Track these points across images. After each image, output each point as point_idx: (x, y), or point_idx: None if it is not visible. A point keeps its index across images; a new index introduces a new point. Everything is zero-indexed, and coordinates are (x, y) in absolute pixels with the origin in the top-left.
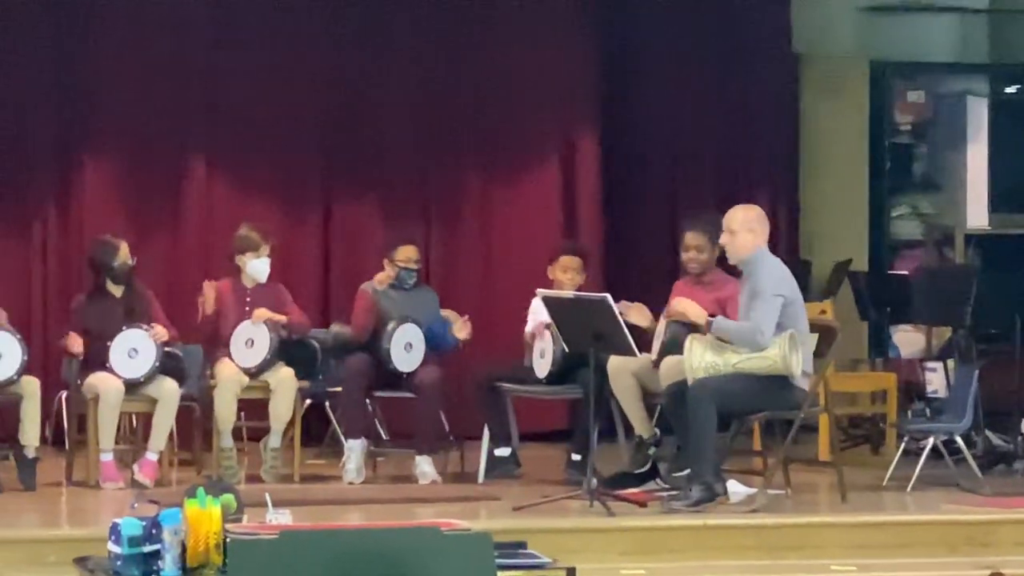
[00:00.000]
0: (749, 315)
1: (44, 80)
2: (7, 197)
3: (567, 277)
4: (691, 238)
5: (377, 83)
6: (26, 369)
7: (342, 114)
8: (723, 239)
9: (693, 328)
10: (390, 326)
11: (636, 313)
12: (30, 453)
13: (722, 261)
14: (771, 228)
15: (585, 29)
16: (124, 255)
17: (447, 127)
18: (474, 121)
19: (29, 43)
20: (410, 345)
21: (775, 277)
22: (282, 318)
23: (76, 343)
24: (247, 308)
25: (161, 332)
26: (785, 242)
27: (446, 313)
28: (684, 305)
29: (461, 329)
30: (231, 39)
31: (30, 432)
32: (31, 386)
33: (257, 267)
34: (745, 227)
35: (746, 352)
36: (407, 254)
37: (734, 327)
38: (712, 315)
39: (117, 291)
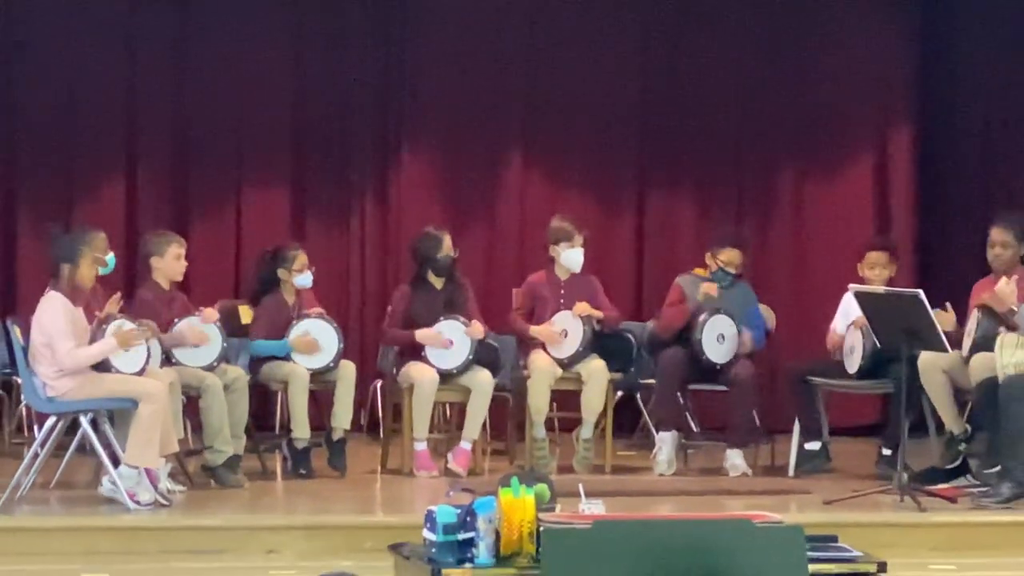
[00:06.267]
0: None
1: (366, 76)
2: (327, 187)
3: (875, 273)
4: (996, 234)
5: (693, 79)
6: (342, 357)
7: (658, 109)
8: None
9: (1001, 319)
10: (702, 317)
11: (940, 317)
12: (337, 435)
13: None
14: None
15: (901, 21)
16: (447, 247)
17: (762, 122)
18: (788, 116)
19: (352, 40)
20: (722, 336)
21: None
22: (599, 314)
23: (433, 339)
24: (561, 299)
25: (478, 330)
26: None
27: (763, 308)
28: (1003, 289)
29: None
30: (548, 35)
31: (341, 415)
32: (347, 370)
33: (571, 257)
34: None
35: None
36: (730, 257)
37: None
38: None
39: (438, 283)
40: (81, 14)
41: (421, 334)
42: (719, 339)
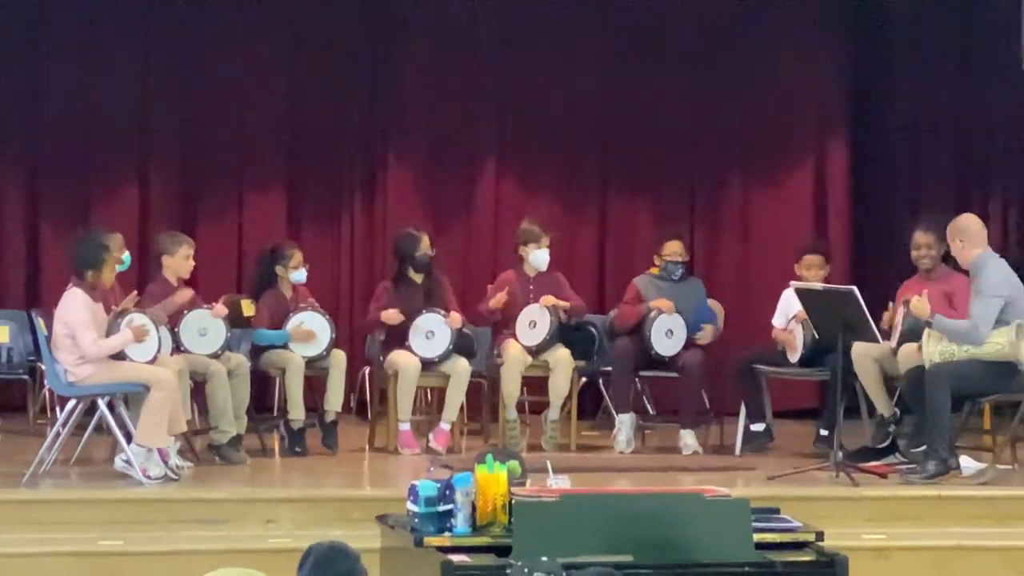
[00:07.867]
0: (970, 313)
1: (355, 87)
2: (320, 193)
3: (811, 273)
4: (920, 237)
5: (650, 97)
6: (334, 346)
7: (619, 120)
8: (952, 247)
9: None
10: (652, 314)
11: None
12: (330, 417)
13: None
14: (1004, 227)
15: (835, 45)
16: (425, 246)
17: (712, 136)
18: (735, 130)
19: (342, 49)
20: (671, 332)
21: (996, 279)
22: (565, 304)
23: (394, 316)
24: (530, 294)
25: (456, 319)
26: (1017, 238)
27: (712, 303)
28: (917, 304)
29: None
30: (519, 56)
31: (333, 399)
32: (338, 358)
33: (539, 257)
34: (958, 237)
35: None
36: (673, 248)
37: (952, 325)
38: (939, 309)
39: (418, 278)
40: (98, 37)
41: (386, 314)
42: (667, 334)
